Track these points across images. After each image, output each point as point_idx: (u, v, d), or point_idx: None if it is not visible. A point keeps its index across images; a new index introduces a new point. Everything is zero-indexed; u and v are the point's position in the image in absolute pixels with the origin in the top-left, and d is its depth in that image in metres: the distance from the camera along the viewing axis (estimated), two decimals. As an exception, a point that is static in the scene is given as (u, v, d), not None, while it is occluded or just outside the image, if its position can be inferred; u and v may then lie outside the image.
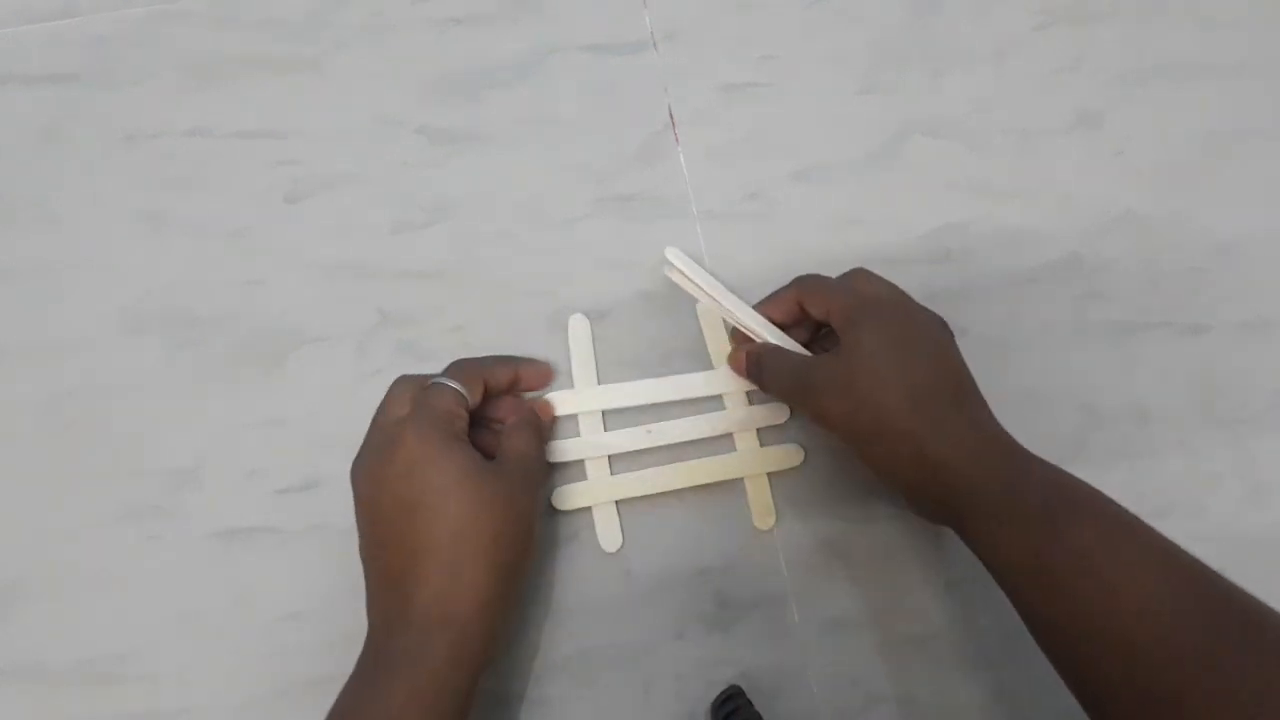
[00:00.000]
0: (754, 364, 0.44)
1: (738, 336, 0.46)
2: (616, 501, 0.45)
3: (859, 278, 0.43)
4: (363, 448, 0.40)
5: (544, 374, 0.47)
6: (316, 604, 0.43)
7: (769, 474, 0.45)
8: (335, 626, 0.42)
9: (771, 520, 0.44)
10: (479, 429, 0.42)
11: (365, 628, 0.39)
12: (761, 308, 0.45)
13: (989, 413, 0.39)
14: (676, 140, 0.52)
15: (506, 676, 0.42)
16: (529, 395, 0.46)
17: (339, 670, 0.38)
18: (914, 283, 0.48)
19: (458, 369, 0.42)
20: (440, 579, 0.36)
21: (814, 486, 0.45)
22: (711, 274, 0.46)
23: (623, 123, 0.52)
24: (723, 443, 0.46)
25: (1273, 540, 0.45)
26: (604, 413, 0.46)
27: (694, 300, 0.48)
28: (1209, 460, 0.46)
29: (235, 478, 0.46)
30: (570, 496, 0.45)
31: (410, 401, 0.40)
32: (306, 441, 0.46)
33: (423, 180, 0.51)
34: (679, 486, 0.45)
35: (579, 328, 0.47)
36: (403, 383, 0.42)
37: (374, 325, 0.48)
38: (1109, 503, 0.35)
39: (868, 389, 0.38)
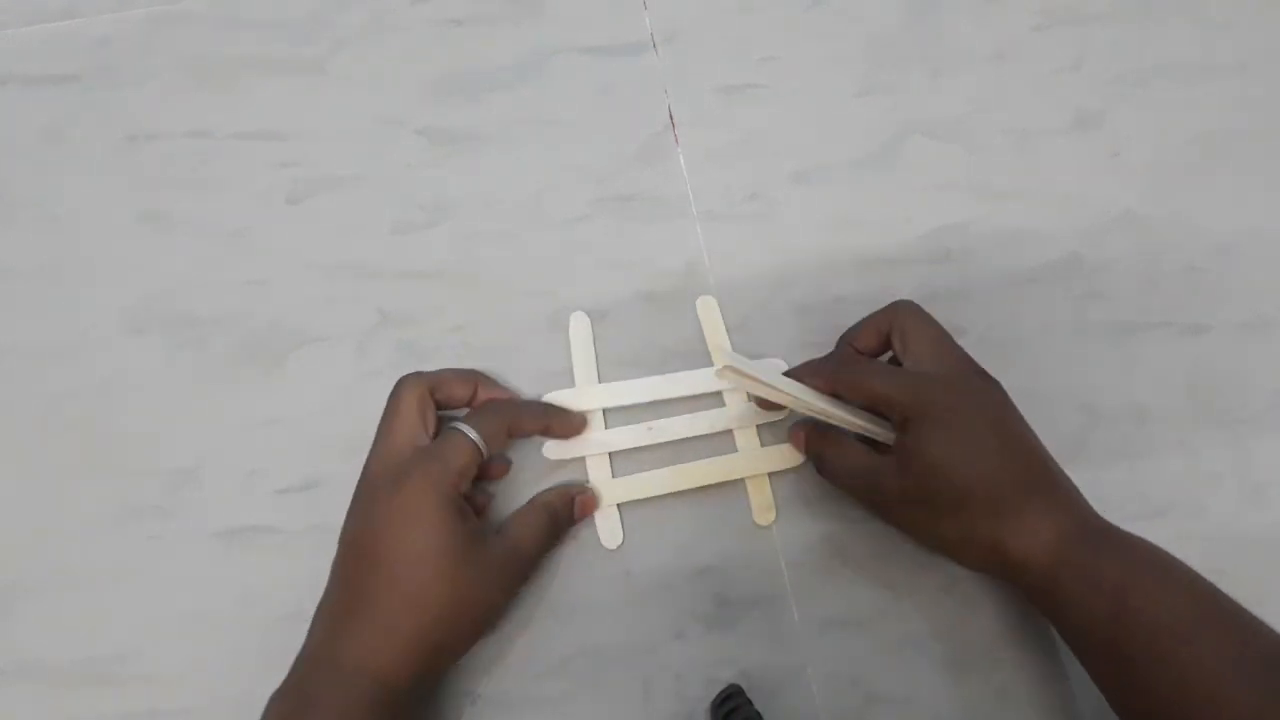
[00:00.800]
0: (814, 454, 0.43)
1: (763, 402, 0.44)
2: (620, 505, 0.45)
3: (908, 318, 0.41)
4: (372, 461, 0.40)
5: (576, 427, 0.45)
6: (315, 604, 0.43)
7: (772, 481, 0.45)
8: (335, 626, 0.42)
9: (771, 516, 0.44)
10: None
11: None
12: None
13: (1063, 481, 0.39)
14: (676, 141, 0.52)
15: (507, 676, 0.42)
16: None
17: (339, 670, 0.38)
18: (914, 283, 0.49)
19: (485, 416, 0.41)
20: (381, 641, 0.36)
21: (814, 485, 0.45)
22: (764, 363, 0.43)
23: (623, 123, 0.52)
24: (723, 440, 0.46)
25: (1272, 540, 0.45)
26: (605, 411, 0.46)
27: (694, 299, 0.48)
28: (1208, 460, 0.46)
29: (235, 478, 0.46)
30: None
31: (419, 428, 0.40)
32: (306, 441, 0.46)
33: (423, 180, 0.51)
34: (680, 489, 0.45)
35: (580, 326, 0.47)
36: (412, 387, 0.41)
37: (374, 325, 0.48)
38: (1184, 575, 0.35)
39: (939, 500, 0.38)
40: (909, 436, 0.38)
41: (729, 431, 0.46)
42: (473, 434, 0.39)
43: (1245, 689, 0.32)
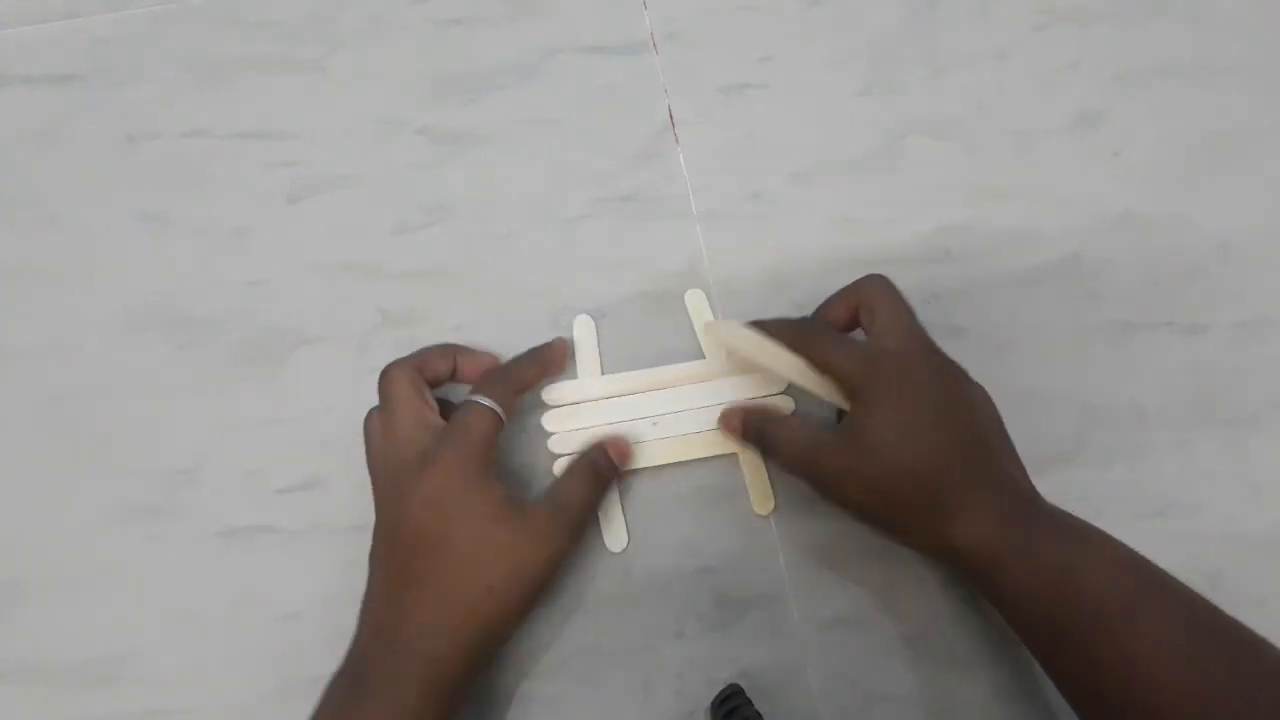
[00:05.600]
0: (753, 432, 0.43)
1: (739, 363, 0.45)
2: (620, 501, 0.45)
3: (875, 314, 0.41)
4: (387, 452, 0.40)
5: (561, 354, 0.45)
6: (316, 604, 0.43)
7: (767, 460, 0.45)
8: (335, 626, 0.42)
9: (771, 505, 0.45)
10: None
11: (365, 627, 0.39)
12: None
13: (1006, 466, 0.38)
14: (676, 140, 0.52)
15: (507, 675, 0.42)
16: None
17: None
18: (914, 283, 0.48)
19: (492, 383, 0.41)
20: (437, 616, 0.37)
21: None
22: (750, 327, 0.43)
23: (623, 123, 0.52)
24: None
25: (1271, 540, 0.45)
26: (610, 408, 0.46)
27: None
28: (1208, 460, 0.46)
29: (235, 477, 0.46)
30: None
31: (422, 406, 0.40)
32: (306, 441, 0.46)
33: (423, 180, 0.51)
34: (675, 460, 0.45)
35: (584, 328, 0.47)
36: (402, 371, 0.41)
37: (374, 325, 0.48)
38: (1129, 560, 0.35)
39: (879, 481, 0.37)
40: (855, 411, 0.38)
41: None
42: (487, 402, 0.40)
43: (1187, 665, 0.32)
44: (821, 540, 0.44)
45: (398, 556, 0.38)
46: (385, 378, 0.41)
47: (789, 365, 0.41)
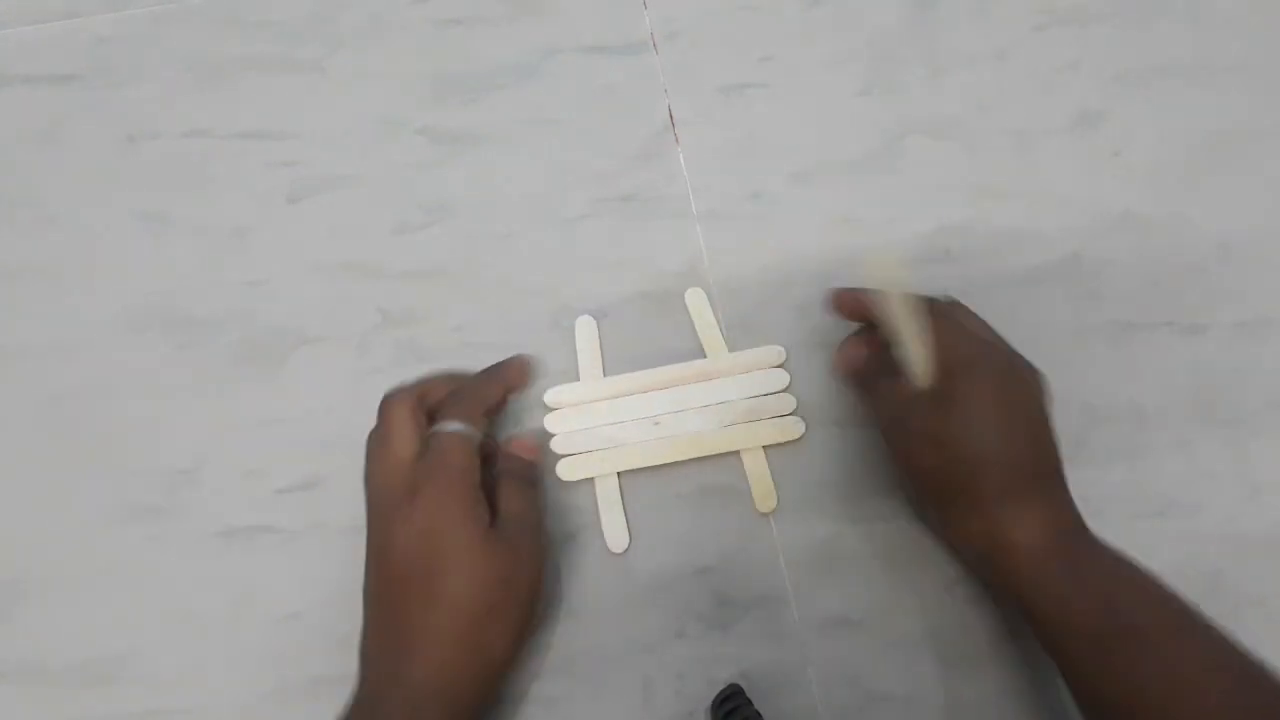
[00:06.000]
0: (861, 376, 0.43)
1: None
2: (622, 501, 0.45)
3: (960, 311, 0.42)
4: (377, 477, 0.39)
5: (523, 368, 0.45)
6: (316, 604, 0.43)
7: (770, 458, 0.45)
8: (335, 626, 0.42)
9: (773, 503, 0.44)
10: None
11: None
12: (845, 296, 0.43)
13: (1066, 490, 0.39)
14: (676, 140, 0.52)
15: (506, 676, 0.42)
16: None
17: (338, 670, 0.38)
18: (914, 283, 0.48)
19: (458, 405, 0.41)
20: (442, 649, 0.36)
21: (814, 484, 0.45)
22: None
23: (623, 123, 0.52)
24: (729, 436, 0.46)
25: (1271, 540, 0.45)
26: (613, 408, 0.46)
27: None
28: (1208, 460, 0.46)
29: (235, 477, 0.46)
30: (574, 468, 0.45)
31: (415, 437, 0.39)
32: (306, 441, 0.46)
33: (423, 180, 0.51)
34: (676, 460, 0.45)
35: (586, 329, 0.48)
36: (401, 400, 0.40)
37: (374, 325, 0.48)
38: (1165, 588, 0.36)
39: (961, 454, 0.38)
40: (956, 384, 0.38)
41: (735, 426, 0.46)
42: (457, 426, 0.39)
43: (1229, 694, 0.32)
44: (821, 540, 0.44)
45: (390, 592, 0.38)
46: (384, 405, 0.40)
47: (912, 327, 0.40)
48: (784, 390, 0.46)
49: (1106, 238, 0.50)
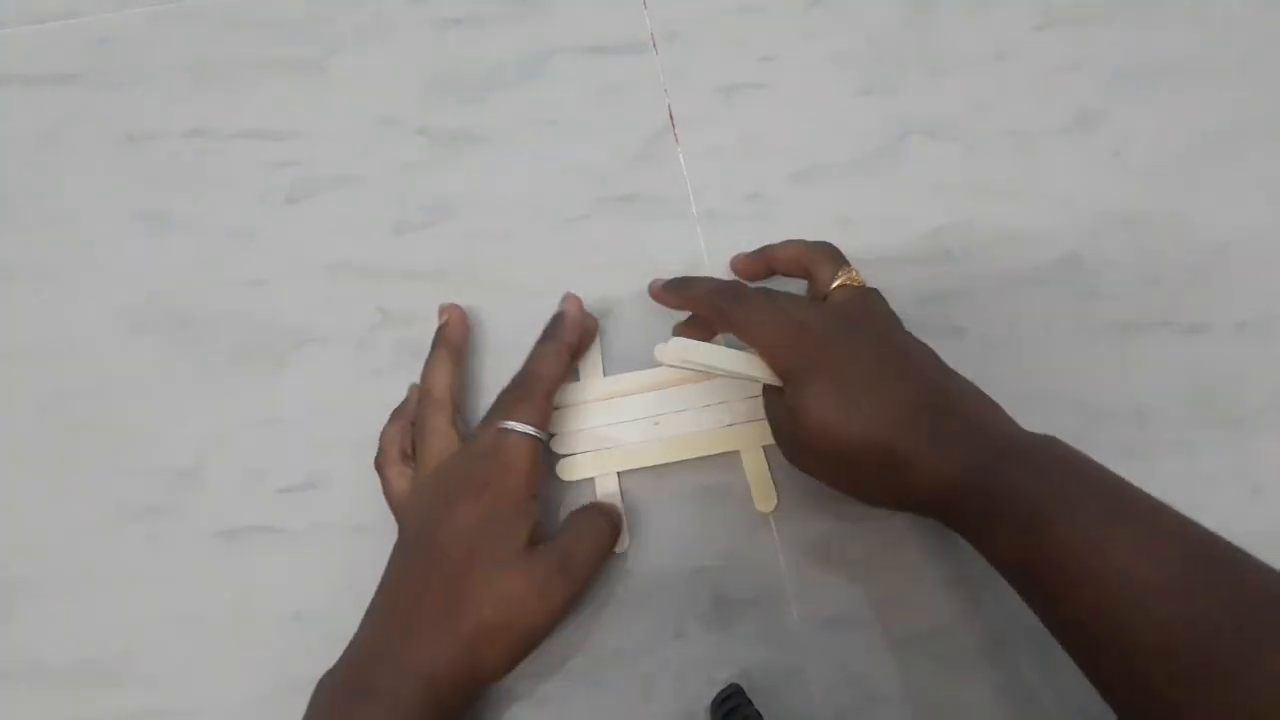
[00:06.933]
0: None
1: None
2: (622, 502, 0.45)
3: (758, 298, 0.40)
4: (446, 466, 0.40)
5: (579, 323, 0.44)
6: (316, 604, 0.43)
7: (770, 458, 0.45)
8: (335, 626, 0.42)
9: (773, 502, 0.44)
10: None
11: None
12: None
13: (958, 401, 0.37)
14: (676, 140, 0.52)
15: (506, 675, 0.42)
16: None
17: (339, 670, 0.38)
18: (914, 282, 0.49)
19: (528, 403, 0.40)
20: (445, 643, 0.37)
21: (814, 483, 0.45)
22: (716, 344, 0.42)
23: (623, 123, 0.52)
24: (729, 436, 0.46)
25: (1272, 540, 0.45)
26: (611, 409, 0.46)
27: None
28: (1208, 460, 0.46)
29: (235, 477, 0.46)
30: (574, 468, 0.45)
31: (491, 439, 0.40)
32: (306, 441, 0.46)
33: (423, 180, 0.51)
34: (676, 459, 0.45)
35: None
36: (439, 421, 0.41)
37: (374, 325, 0.48)
38: (1099, 488, 0.34)
39: (833, 455, 0.37)
40: (790, 391, 0.38)
41: (735, 425, 0.46)
42: (524, 428, 0.40)
43: (1171, 597, 0.30)
44: (821, 540, 0.44)
45: (416, 570, 0.38)
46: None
47: (742, 364, 0.40)
48: None
49: (1106, 238, 0.50)
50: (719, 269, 0.49)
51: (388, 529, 0.42)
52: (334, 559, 0.44)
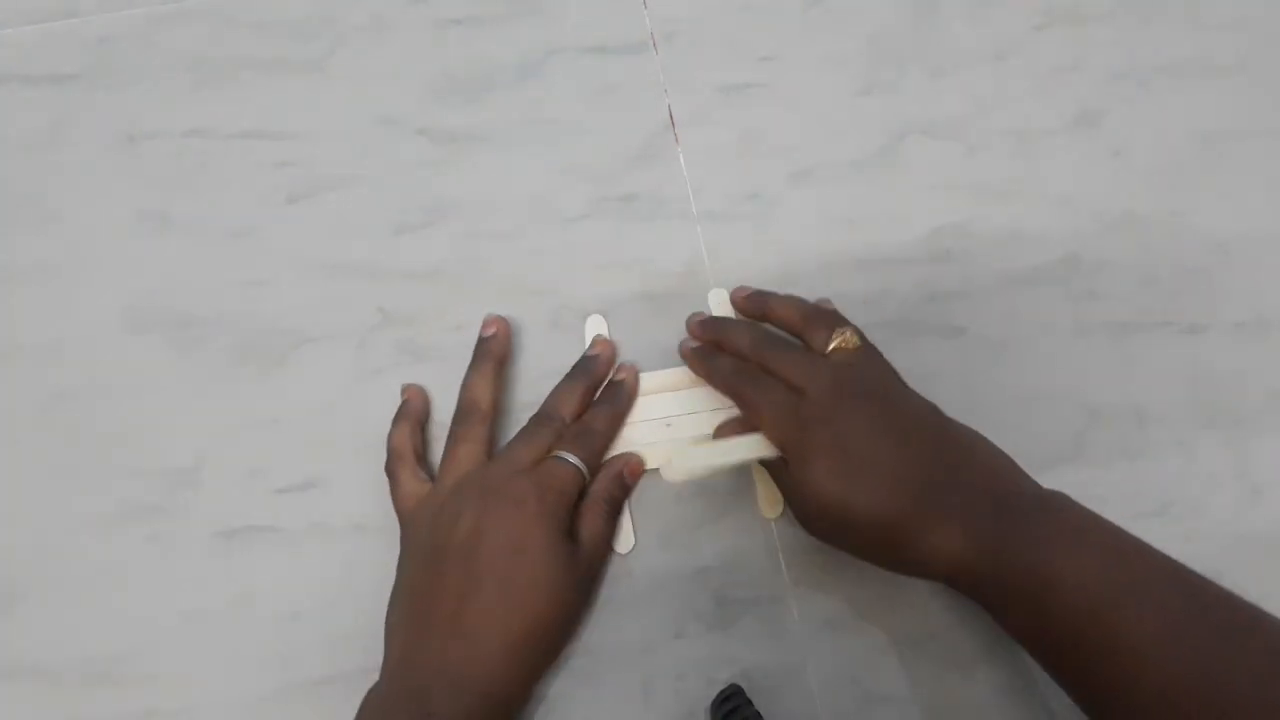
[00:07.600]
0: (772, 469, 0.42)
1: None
2: (627, 503, 0.45)
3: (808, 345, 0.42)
4: (486, 473, 0.41)
5: (635, 392, 0.46)
6: (316, 604, 0.43)
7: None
8: (335, 626, 0.42)
9: (779, 509, 0.44)
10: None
11: (365, 627, 0.39)
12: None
13: (964, 467, 0.37)
14: (676, 140, 0.52)
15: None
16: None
17: (339, 670, 0.38)
18: (914, 283, 0.49)
19: (586, 445, 0.43)
20: (494, 655, 0.37)
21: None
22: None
23: (623, 123, 0.52)
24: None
25: (1271, 540, 0.45)
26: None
27: (694, 299, 0.48)
28: (1207, 460, 0.46)
29: (235, 477, 0.46)
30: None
31: (530, 459, 0.42)
32: (306, 441, 0.46)
33: (423, 180, 0.51)
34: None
35: (596, 327, 0.48)
36: (479, 432, 0.43)
37: (374, 325, 0.48)
38: (1100, 540, 0.34)
39: (839, 531, 0.38)
40: (793, 469, 0.38)
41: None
42: (574, 460, 0.42)
43: (1179, 648, 0.31)
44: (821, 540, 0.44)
45: (452, 578, 0.38)
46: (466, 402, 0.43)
47: (747, 450, 0.40)
48: None
49: (1106, 238, 0.50)
50: (719, 269, 0.49)
51: (387, 529, 0.42)
52: (333, 559, 0.44)
